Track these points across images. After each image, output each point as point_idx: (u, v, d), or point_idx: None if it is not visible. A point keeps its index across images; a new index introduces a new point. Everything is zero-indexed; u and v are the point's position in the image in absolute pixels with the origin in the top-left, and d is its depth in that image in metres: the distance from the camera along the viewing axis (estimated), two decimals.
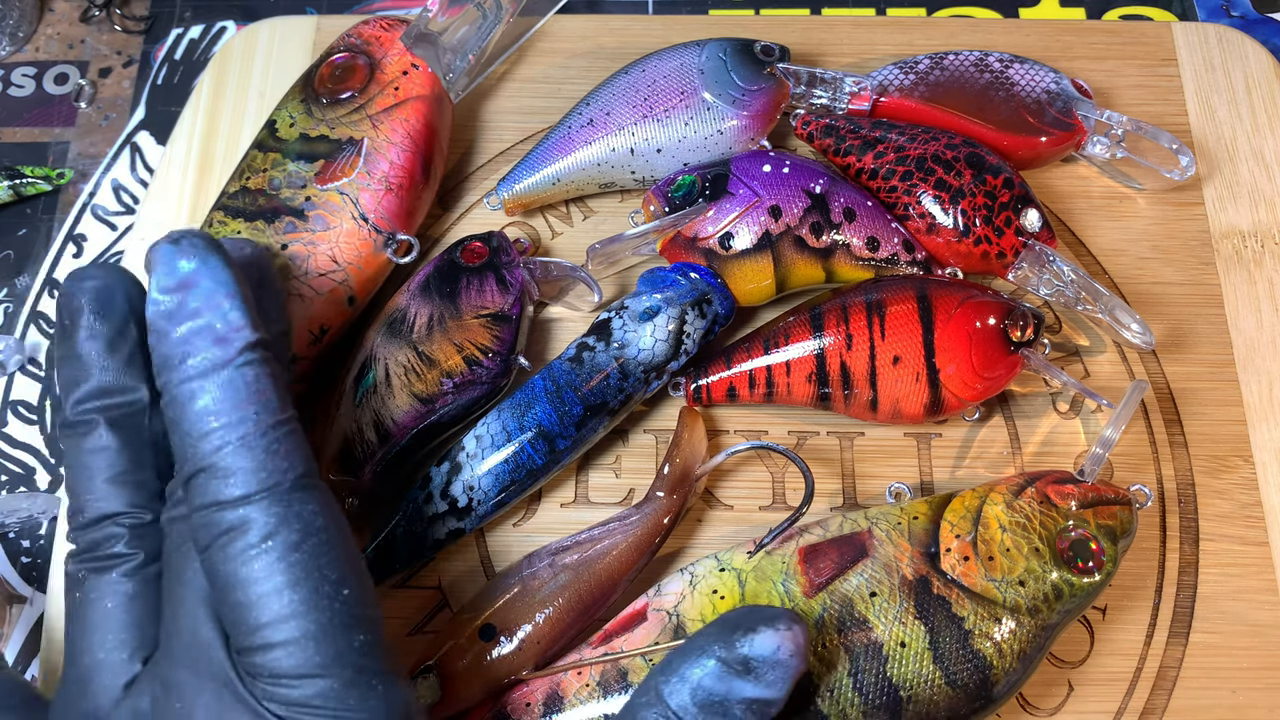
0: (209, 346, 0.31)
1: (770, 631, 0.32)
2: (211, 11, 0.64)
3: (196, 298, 0.32)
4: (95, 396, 0.35)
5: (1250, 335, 0.51)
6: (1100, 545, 0.39)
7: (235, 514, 0.31)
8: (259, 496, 0.31)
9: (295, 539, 0.31)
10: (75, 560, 0.35)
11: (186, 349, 0.31)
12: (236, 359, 0.31)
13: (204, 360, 0.31)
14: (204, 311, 0.32)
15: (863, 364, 0.45)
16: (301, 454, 0.32)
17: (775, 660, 0.32)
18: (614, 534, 0.43)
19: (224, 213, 0.48)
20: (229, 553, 0.31)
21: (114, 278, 0.36)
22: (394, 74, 0.50)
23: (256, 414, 0.31)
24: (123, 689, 0.33)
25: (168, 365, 0.32)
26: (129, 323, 0.35)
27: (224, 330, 0.32)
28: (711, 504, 0.48)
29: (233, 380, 0.31)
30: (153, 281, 0.32)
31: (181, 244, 0.32)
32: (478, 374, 0.45)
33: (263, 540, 0.31)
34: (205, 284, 0.32)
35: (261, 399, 0.32)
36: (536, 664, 0.41)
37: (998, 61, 0.53)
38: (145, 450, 0.36)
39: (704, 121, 0.51)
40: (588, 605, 0.42)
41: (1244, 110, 0.56)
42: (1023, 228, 0.48)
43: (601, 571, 0.43)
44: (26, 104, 0.61)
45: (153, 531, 0.35)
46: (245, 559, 0.31)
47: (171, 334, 0.32)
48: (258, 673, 0.31)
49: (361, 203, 0.48)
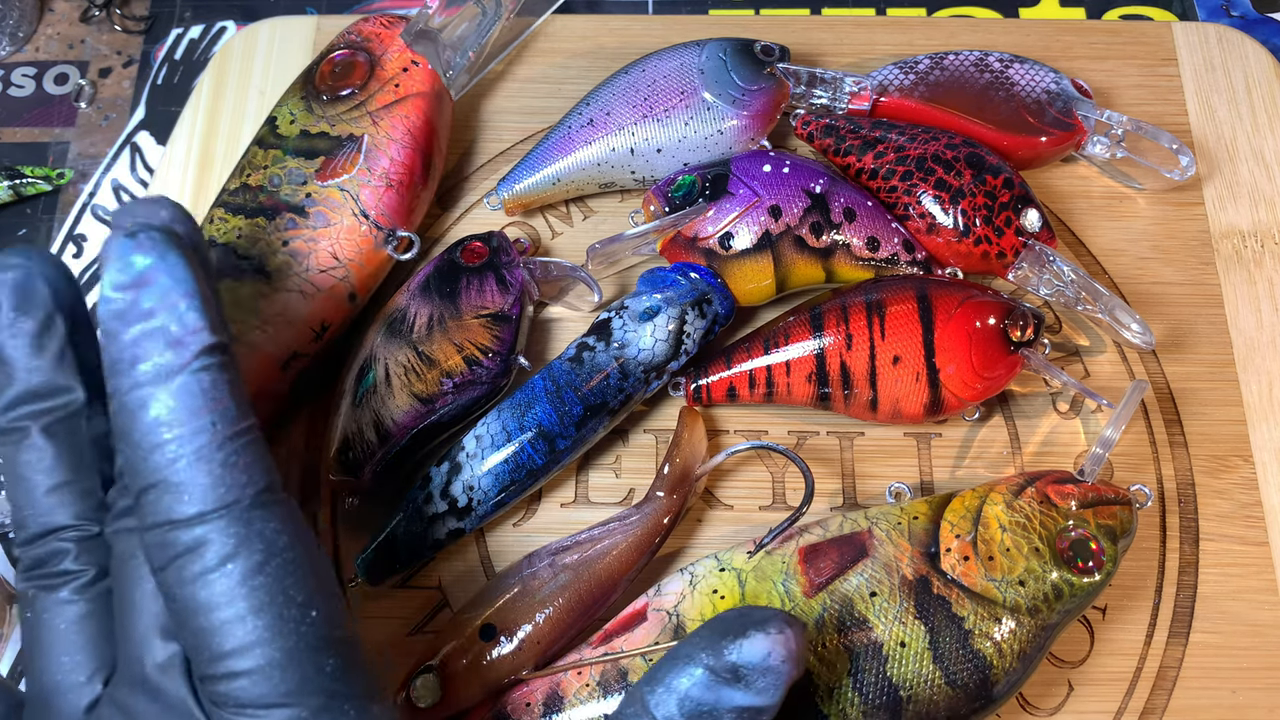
0: (162, 350, 0.29)
1: (760, 636, 0.30)
2: (211, 11, 0.64)
3: (150, 296, 0.29)
4: (25, 401, 0.32)
5: (1250, 335, 0.51)
6: (1100, 545, 0.39)
7: (190, 534, 0.28)
8: (216, 515, 0.29)
9: (257, 560, 0.29)
10: (24, 578, 0.33)
11: (137, 352, 0.29)
12: (192, 364, 0.29)
13: (156, 365, 0.29)
14: (158, 312, 0.29)
15: (863, 364, 0.45)
16: (263, 466, 0.30)
17: (766, 667, 0.30)
18: (614, 534, 0.43)
19: (224, 209, 0.48)
20: (185, 575, 0.29)
21: (35, 266, 0.32)
22: (394, 71, 0.50)
23: (213, 424, 0.29)
24: (84, 712, 0.32)
25: (117, 370, 0.29)
26: (55, 316, 0.32)
27: (179, 333, 0.29)
28: (711, 504, 0.48)
29: (187, 387, 0.29)
30: (105, 278, 0.29)
31: (138, 238, 0.29)
32: (478, 374, 0.45)
33: (221, 563, 0.28)
34: (161, 281, 0.29)
35: (218, 408, 0.29)
36: (536, 664, 0.41)
37: (998, 61, 0.53)
38: (85, 454, 0.33)
39: (704, 121, 0.51)
40: (588, 605, 0.42)
41: (1244, 110, 0.56)
42: (1023, 228, 0.48)
43: (601, 571, 0.43)
44: (26, 104, 0.61)
45: (101, 544, 0.33)
46: (203, 583, 0.28)
47: (122, 335, 0.29)
48: (222, 702, 0.29)
49: (362, 199, 0.48)
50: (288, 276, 0.46)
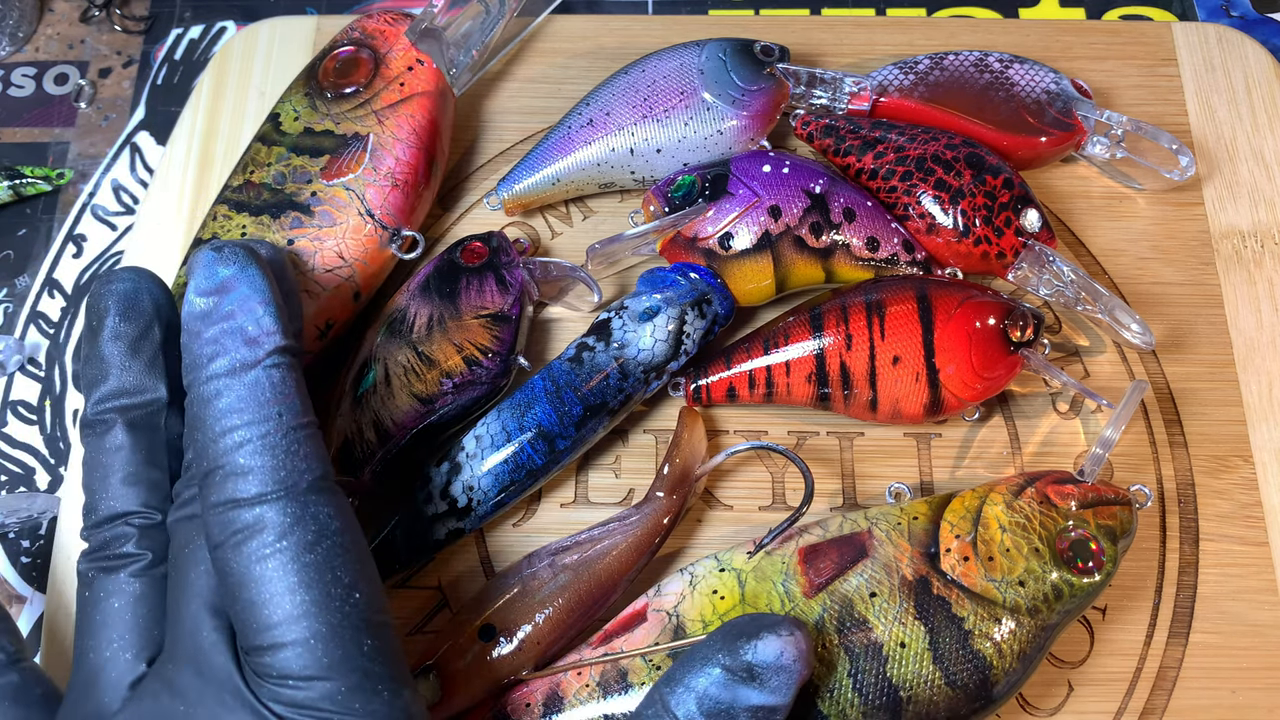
0: (239, 347, 0.32)
1: (774, 638, 0.32)
2: (211, 11, 0.64)
3: (231, 302, 0.33)
4: (114, 396, 0.36)
5: (1250, 335, 0.51)
6: (1100, 545, 0.39)
7: (251, 513, 0.31)
8: (276, 495, 0.31)
9: (310, 540, 0.31)
10: (86, 559, 0.35)
11: (216, 349, 0.32)
12: (265, 360, 0.32)
13: (232, 360, 0.32)
14: (237, 314, 0.33)
15: (862, 364, 0.45)
16: (319, 457, 0.33)
17: (779, 666, 0.32)
18: (614, 534, 0.43)
19: (227, 206, 0.48)
20: (243, 551, 0.31)
21: (141, 281, 0.37)
22: (399, 69, 0.50)
23: (280, 414, 0.32)
24: (129, 688, 0.34)
25: (197, 364, 0.32)
26: (153, 325, 0.36)
27: (255, 332, 0.32)
28: (711, 504, 0.48)
29: (259, 380, 0.32)
30: (191, 285, 0.33)
31: (224, 252, 0.33)
32: (477, 374, 0.45)
33: (278, 539, 0.31)
34: (241, 289, 0.33)
35: (286, 400, 0.32)
36: (536, 664, 0.41)
37: (998, 62, 0.53)
38: (160, 451, 0.36)
39: (704, 121, 0.51)
40: (588, 606, 0.42)
41: (1244, 110, 0.56)
42: (1022, 228, 0.48)
43: (601, 572, 0.43)
44: (26, 104, 0.61)
45: (162, 532, 0.35)
46: (259, 557, 0.31)
47: (204, 334, 0.32)
48: (265, 672, 0.31)
49: (368, 199, 0.48)
50: (295, 275, 0.46)
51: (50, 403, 0.54)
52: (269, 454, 0.31)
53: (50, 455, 0.53)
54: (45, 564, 0.50)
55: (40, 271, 0.57)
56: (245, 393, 0.32)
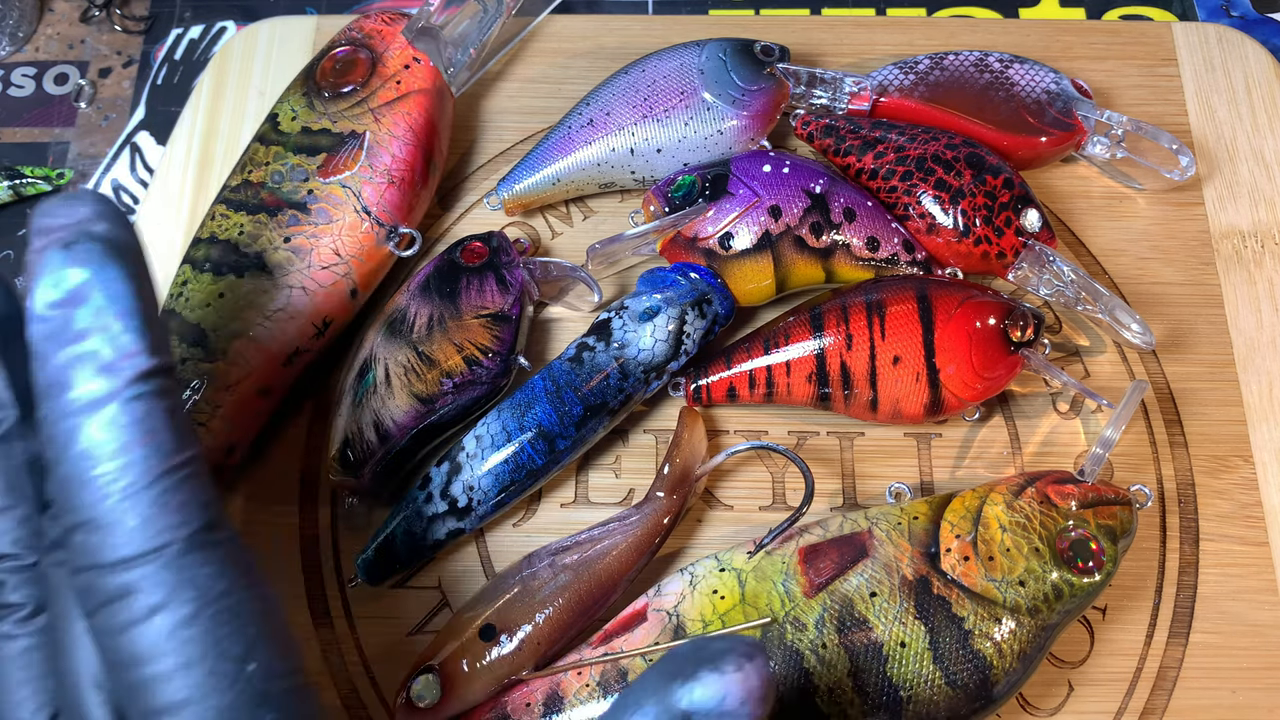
0: (93, 376, 0.26)
1: (714, 677, 0.26)
2: (211, 11, 0.64)
3: (85, 316, 0.27)
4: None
5: (1250, 335, 0.51)
6: (1100, 545, 0.39)
7: (117, 580, 0.26)
8: (144, 560, 0.26)
9: (189, 611, 0.26)
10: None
11: (67, 377, 0.26)
12: (125, 391, 0.27)
13: (86, 393, 0.26)
14: (92, 333, 0.27)
15: (863, 364, 0.45)
16: (199, 503, 0.27)
17: (720, 713, 0.26)
18: (614, 534, 0.43)
19: (226, 206, 0.48)
20: (113, 625, 0.26)
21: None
22: (396, 68, 0.50)
23: (144, 458, 0.27)
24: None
25: (48, 395, 0.27)
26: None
27: (113, 357, 0.27)
28: (711, 504, 0.48)
29: (118, 417, 0.26)
30: (36, 293, 0.27)
31: (74, 249, 0.27)
32: (478, 374, 0.45)
33: (150, 613, 0.26)
34: (96, 299, 0.27)
35: (152, 440, 0.27)
36: (536, 664, 0.41)
37: (998, 62, 0.53)
38: (19, 477, 0.30)
39: (704, 121, 0.51)
40: (587, 605, 0.42)
41: (1244, 110, 0.56)
42: (1023, 228, 0.48)
43: (601, 571, 0.43)
44: (26, 104, 0.61)
45: (41, 575, 0.30)
46: (132, 634, 0.26)
47: (53, 359, 0.27)
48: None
49: (364, 196, 0.48)
50: (290, 273, 0.46)
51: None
52: (133, 509, 0.26)
53: None
54: None
55: None
56: (102, 434, 0.26)
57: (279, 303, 0.46)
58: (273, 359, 0.45)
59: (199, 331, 0.45)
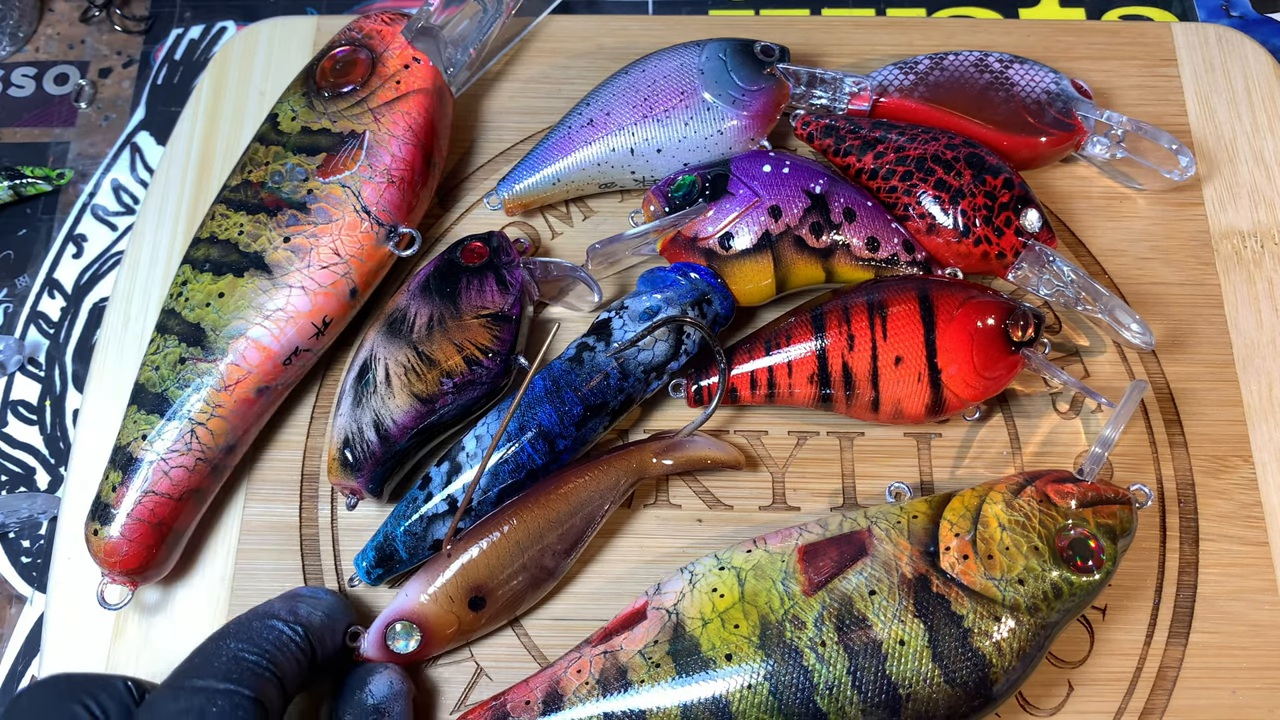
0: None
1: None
2: (211, 12, 0.64)
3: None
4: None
5: (1250, 335, 0.51)
6: (1099, 544, 0.39)
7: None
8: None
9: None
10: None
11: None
12: None
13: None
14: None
15: (865, 364, 0.45)
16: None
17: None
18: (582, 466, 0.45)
19: (226, 205, 0.48)
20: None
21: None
22: (395, 68, 0.50)
23: None
24: None
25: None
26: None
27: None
28: (712, 504, 0.48)
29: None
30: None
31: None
32: (478, 374, 0.45)
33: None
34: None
35: None
36: (503, 584, 0.43)
37: (998, 62, 0.53)
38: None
39: (704, 121, 0.51)
40: (544, 524, 0.43)
41: (1244, 110, 0.56)
42: (1023, 228, 0.48)
43: (555, 492, 0.44)
44: (26, 104, 0.61)
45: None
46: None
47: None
48: None
49: (364, 195, 0.48)
50: (289, 272, 0.46)
51: (50, 403, 0.54)
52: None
53: (50, 455, 0.53)
54: (45, 564, 0.50)
55: (40, 271, 0.57)
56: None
57: (279, 303, 0.46)
58: (273, 359, 0.45)
59: (199, 331, 0.45)
